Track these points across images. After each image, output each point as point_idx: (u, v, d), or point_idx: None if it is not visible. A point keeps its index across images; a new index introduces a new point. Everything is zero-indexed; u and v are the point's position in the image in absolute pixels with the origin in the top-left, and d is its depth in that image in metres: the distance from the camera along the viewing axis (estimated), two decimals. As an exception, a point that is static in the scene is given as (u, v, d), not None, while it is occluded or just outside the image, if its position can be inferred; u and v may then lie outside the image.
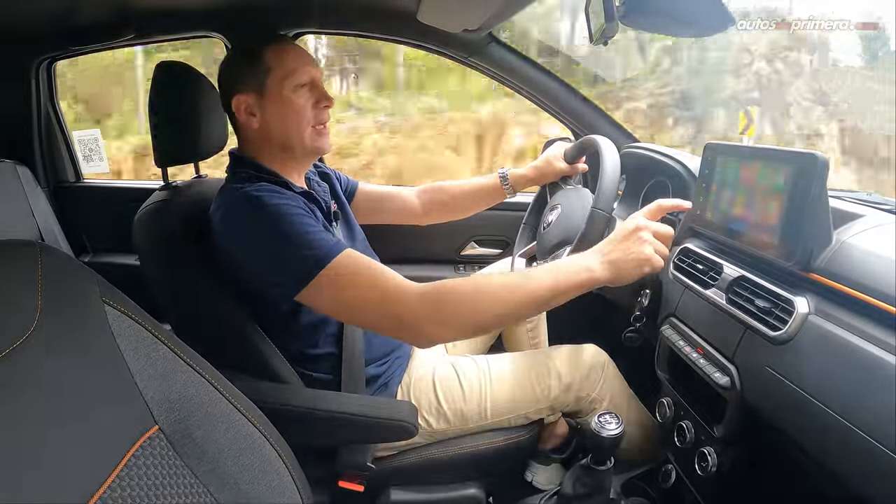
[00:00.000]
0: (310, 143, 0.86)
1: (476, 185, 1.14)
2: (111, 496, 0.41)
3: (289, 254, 0.72)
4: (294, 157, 0.88)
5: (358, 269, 0.72)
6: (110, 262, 1.51)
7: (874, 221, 0.66)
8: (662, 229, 0.72)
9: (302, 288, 0.72)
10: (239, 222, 0.77)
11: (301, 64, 0.84)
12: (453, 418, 0.91)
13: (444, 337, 0.74)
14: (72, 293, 0.46)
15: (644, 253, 0.69)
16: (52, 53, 1.45)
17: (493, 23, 1.12)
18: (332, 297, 0.72)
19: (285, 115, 0.84)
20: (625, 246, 0.70)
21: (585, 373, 0.95)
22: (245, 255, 0.76)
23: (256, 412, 0.57)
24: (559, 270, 0.70)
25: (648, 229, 0.71)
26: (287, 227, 0.73)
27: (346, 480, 0.86)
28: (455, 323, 0.70)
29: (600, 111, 1.33)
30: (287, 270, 0.72)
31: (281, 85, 0.83)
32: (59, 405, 0.41)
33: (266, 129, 0.85)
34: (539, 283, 0.69)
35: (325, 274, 0.71)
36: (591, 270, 0.70)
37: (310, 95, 0.85)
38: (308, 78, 0.84)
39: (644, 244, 0.70)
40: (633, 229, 0.71)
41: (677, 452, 0.85)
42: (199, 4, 1.23)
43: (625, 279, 0.71)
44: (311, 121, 0.85)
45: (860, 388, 0.53)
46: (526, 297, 0.69)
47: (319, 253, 0.72)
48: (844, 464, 0.55)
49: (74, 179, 1.61)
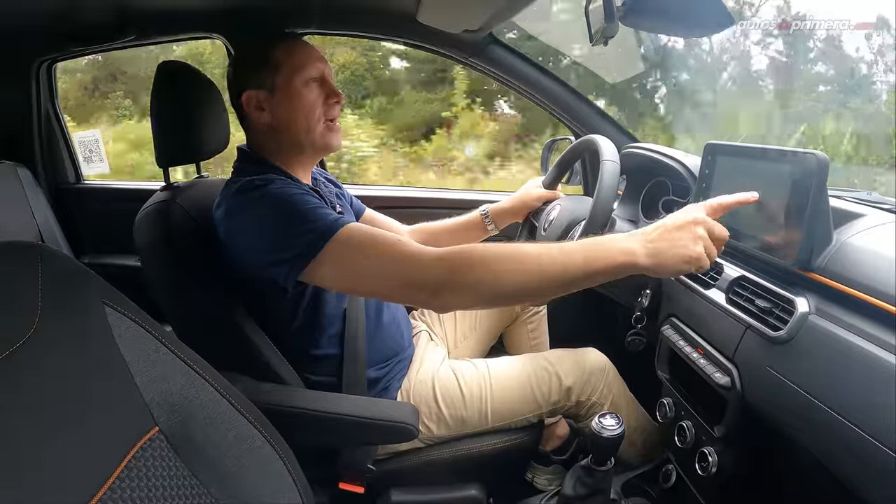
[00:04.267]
0: (320, 139, 0.86)
1: (461, 225, 1.14)
2: (111, 497, 0.41)
3: (293, 229, 0.71)
4: (302, 153, 0.88)
5: (365, 239, 0.70)
6: (110, 263, 1.50)
7: (875, 221, 0.66)
8: (718, 230, 0.65)
9: (309, 261, 0.69)
10: (242, 207, 0.76)
11: (311, 59, 0.84)
12: (453, 424, 0.91)
13: (460, 304, 0.70)
14: (72, 294, 0.46)
15: (694, 250, 0.63)
16: (53, 54, 1.45)
17: (494, 23, 1.12)
18: (340, 268, 0.70)
19: (296, 110, 0.84)
20: (676, 236, 0.63)
21: (586, 376, 0.94)
22: (249, 237, 0.75)
23: (257, 413, 0.57)
24: (597, 248, 0.64)
25: (706, 225, 0.64)
26: (291, 204, 0.73)
27: (346, 482, 0.86)
28: (474, 291, 0.65)
29: (600, 111, 1.33)
30: (293, 245, 0.70)
31: (291, 80, 0.83)
32: (60, 407, 0.41)
33: (276, 125, 0.85)
34: (573, 260, 0.63)
35: (331, 246, 0.69)
36: (632, 254, 0.63)
37: (320, 91, 0.85)
38: (318, 73, 0.84)
39: (697, 241, 0.63)
40: (691, 221, 0.64)
41: (678, 452, 0.85)
42: (199, 5, 1.22)
43: (665, 272, 0.64)
44: (321, 116, 0.85)
45: (860, 388, 0.53)
46: (556, 272, 0.63)
47: (324, 225, 0.70)
48: (844, 464, 0.55)
49: (74, 180, 1.61)
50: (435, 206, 1.48)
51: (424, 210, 1.40)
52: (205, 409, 0.52)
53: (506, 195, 1.21)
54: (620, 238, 0.65)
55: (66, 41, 1.39)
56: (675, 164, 1.02)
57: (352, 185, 1.54)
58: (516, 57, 1.28)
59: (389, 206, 1.40)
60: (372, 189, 1.75)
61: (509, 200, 1.13)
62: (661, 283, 0.90)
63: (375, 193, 1.55)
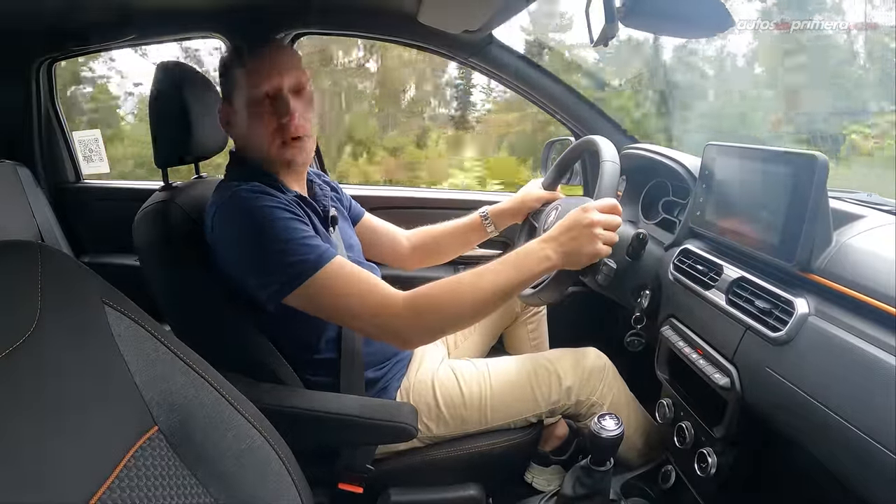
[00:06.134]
0: (277, 157, 0.82)
1: (460, 227, 1.14)
2: (111, 497, 0.41)
3: (277, 259, 0.72)
4: (275, 167, 0.85)
5: (346, 280, 0.74)
6: (110, 263, 1.50)
7: (874, 222, 0.66)
8: (614, 222, 0.77)
9: (290, 292, 0.73)
10: (229, 225, 0.77)
11: (267, 74, 0.79)
12: (453, 423, 0.91)
13: (428, 340, 0.80)
14: (72, 294, 0.46)
15: (595, 248, 0.75)
16: (53, 53, 1.45)
17: (494, 24, 1.12)
18: (319, 303, 0.75)
19: (247, 129, 0.82)
20: (579, 241, 0.75)
21: (586, 376, 0.94)
22: (234, 257, 0.77)
23: (256, 413, 0.57)
24: (522, 262, 0.76)
25: (601, 224, 0.76)
26: (276, 231, 0.73)
27: (345, 482, 0.85)
28: (438, 327, 0.76)
29: (600, 112, 1.33)
30: (275, 274, 0.73)
31: (243, 97, 0.80)
32: (59, 406, 0.41)
33: (241, 141, 0.85)
34: (506, 277, 0.75)
35: (314, 282, 0.73)
36: (549, 260, 0.76)
37: (272, 108, 0.80)
38: (273, 87, 0.79)
39: (596, 240, 0.75)
40: (588, 224, 0.76)
41: (677, 453, 0.85)
42: (199, 4, 1.23)
43: (576, 267, 0.78)
44: (275, 135, 0.80)
45: (860, 389, 0.53)
46: (494, 291, 0.75)
47: (309, 260, 0.73)
48: (844, 464, 0.55)
49: (74, 180, 1.61)
50: (434, 206, 1.47)
51: (424, 210, 1.40)
52: (204, 408, 0.52)
53: (506, 196, 1.21)
54: (535, 249, 0.77)
55: (66, 41, 1.40)
56: (674, 164, 1.02)
57: (351, 186, 1.54)
58: (516, 57, 1.28)
59: (389, 207, 1.40)
60: (371, 189, 1.75)
61: (509, 201, 1.13)
62: (660, 285, 0.90)
63: (375, 193, 1.55)
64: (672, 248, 0.90)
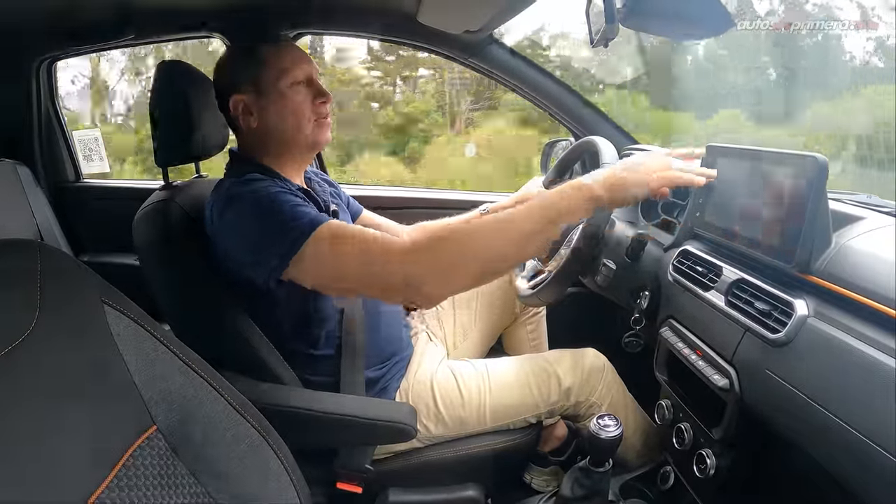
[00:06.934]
0: (311, 136, 0.87)
1: None
2: (109, 496, 0.41)
3: (274, 228, 0.72)
4: (291, 154, 0.89)
5: (343, 236, 0.71)
6: (110, 262, 1.50)
7: (874, 224, 0.66)
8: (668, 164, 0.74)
9: (289, 261, 0.70)
10: (227, 208, 0.77)
11: (296, 62, 0.85)
12: (452, 424, 0.91)
13: (449, 287, 0.70)
14: (71, 293, 0.46)
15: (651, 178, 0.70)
16: (52, 53, 1.45)
17: (495, 24, 1.12)
18: (320, 269, 0.71)
19: (284, 113, 0.85)
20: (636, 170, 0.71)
21: (585, 377, 0.95)
22: (234, 240, 0.77)
23: (255, 413, 0.57)
24: (561, 191, 0.68)
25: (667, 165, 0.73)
26: (271, 203, 0.74)
27: (344, 482, 0.85)
28: (457, 273, 0.66)
29: (600, 112, 1.33)
30: (274, 245, 0.71)
31: (277, 83, 0.84)
32: (58, 405, 0.41)
33: (264, 128, 0.86)
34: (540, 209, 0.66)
35: (311, 244, 0.69)
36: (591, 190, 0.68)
37: (307, 92, 0.86)
38: (304, 75, 0.85)
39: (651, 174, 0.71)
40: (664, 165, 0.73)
41: (676, 454, 0.85)
42: (199, 4, 1.23)
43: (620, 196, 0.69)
44: (310, 116, 0.86)
45: (859, 391, 0.52)
46: (527, 220, 0.66)
47: (303, 223, 0.71)
48: (843, 466, 0.54)
49: (74, 179, 1.61)
50: (434, 206, 1.48)
51: (423, 210, 1.40)
52: (203, 408, 0.52)
53: (505, 195, 1.21)
54: (576, 184, 0.69)
55: (66, 40, 1.40)
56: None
57: (351, 186, 1.54)
58: (516, 58, 1.28)
59: (388, 207, 1.40)
60: (370, 189, 1.75)
61: (509, 200, 1.13)
62: (660, 286, 0.90)
63: (374, 193, 1.55)
64: (671, 249, 0.90)
